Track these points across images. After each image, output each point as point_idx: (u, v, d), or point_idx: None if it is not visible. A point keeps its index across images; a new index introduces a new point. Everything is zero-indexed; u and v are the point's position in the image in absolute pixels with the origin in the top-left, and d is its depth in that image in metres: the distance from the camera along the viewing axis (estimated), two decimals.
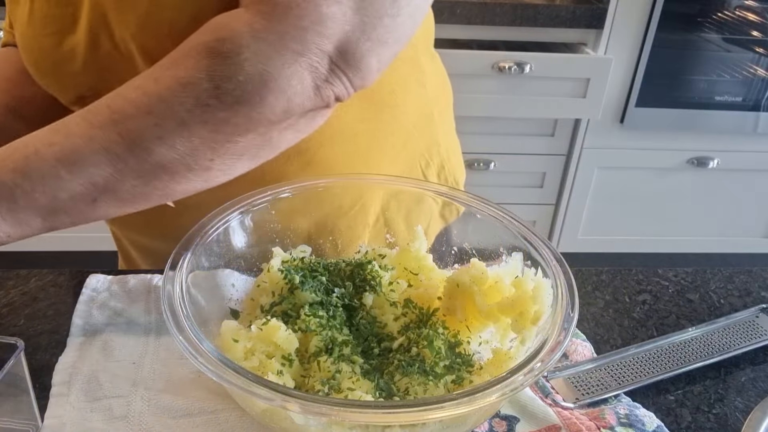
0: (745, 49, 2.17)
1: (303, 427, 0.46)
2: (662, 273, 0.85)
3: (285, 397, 0.42)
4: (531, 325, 0.54)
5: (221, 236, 0.58)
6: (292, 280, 0.56)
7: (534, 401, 0.61)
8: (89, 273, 0.74)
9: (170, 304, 0.48)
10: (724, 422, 0.63)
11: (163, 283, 0.50)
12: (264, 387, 0.43)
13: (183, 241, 0.54)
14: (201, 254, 0.55)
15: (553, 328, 0.49)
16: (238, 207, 0.59)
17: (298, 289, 0.56)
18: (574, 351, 0.69)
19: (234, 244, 0.60)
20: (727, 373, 0.69)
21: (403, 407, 0.43)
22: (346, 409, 0.42)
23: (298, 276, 0.57)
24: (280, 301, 0.56)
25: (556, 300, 0.52)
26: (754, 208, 2.40)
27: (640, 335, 0.74)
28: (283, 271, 0.57)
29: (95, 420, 0.57)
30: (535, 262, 0.56)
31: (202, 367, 0.44)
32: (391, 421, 0.44)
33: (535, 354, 0.47)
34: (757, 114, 2.18)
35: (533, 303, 0.54)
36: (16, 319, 0.69)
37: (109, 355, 0.63)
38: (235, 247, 0.60)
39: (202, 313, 0.52)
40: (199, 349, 0.45)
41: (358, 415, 0.42)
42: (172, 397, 0.59)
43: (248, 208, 0.60)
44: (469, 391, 0.43)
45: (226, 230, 0.58)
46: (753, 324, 0.75)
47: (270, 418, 0.48)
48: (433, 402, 0.43)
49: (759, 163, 2.29)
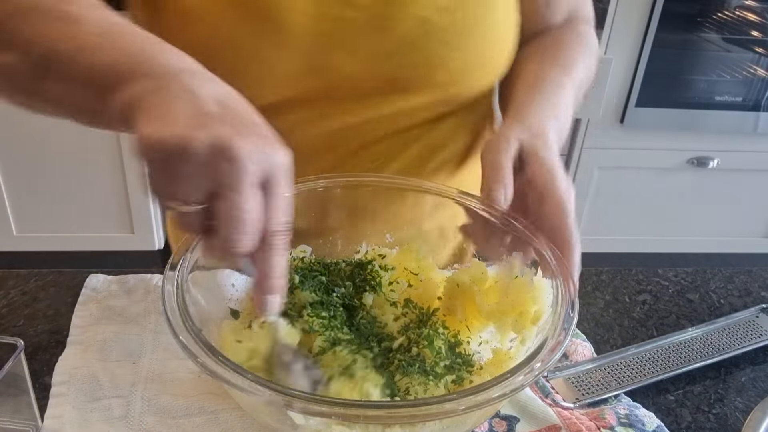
0: (745, 49, 2.17)
1: (303, 427, 0.46)
2: (662, 273, 0.85)
3: (285, 398, 0.42)
4: (531, 325, 0.54)
5: None
6: (292, 279, 0.56)
7: (534, 401, 0.61)
8: (89, 273, 0.74)
9: (170, 304, 0.48)
10: (724, 422, 0.63)
11: (163, 283, 0.50)
12: (264, 387, 0.43)
13: (182, 241, 0.54)
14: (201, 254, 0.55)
15: (553, 328, 0.49)
16: None
17: (298, 288, 0.56)
18: (574, 351, 0.69)
19: None
20: (727, 373, 0.69)
21: (403, 407, 0.43)
22: (346, 409, 0.42)
23: (297, 276, 0.57)
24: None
25: (556, 300, 0.52)
26: (754, 208, 2.40)
27: (640, 335, 0.74)
28: None
29: (95, 420, 0.57)
30: (535, 262, 0.56)
31: (202, 368, 0.44)
32: (391, 421, 0.44)
33: (535, 354, 0.47)
34: (757, 114, 2.18)
35: (533, 303, 0.54)
36: (16, 319, 0.69)
37: (108, 355, 0.63)
38: None
39: (202, 313, 0.52)
40: (198, 349, 0.45)
41: (359, 414, 0.42)
42: (172, 397, 0.59)
43: None
44: (469, 391, 0.43)
45: None
46: (753, 324, 0.75)
47: (270, 417, 0.48)
48: (433, 402, 0.43)
49: (759, 163, 2.29)
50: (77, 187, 2.04)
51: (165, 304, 0.48)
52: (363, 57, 0.66)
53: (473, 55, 0.68)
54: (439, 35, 0.66)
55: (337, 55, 0.65)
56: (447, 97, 0.71)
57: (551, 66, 0.71)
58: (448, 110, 0.74)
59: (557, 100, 0.67)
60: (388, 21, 0.65)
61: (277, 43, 0.64)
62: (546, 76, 0.70)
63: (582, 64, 0.75)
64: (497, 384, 0.44)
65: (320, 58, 0.65)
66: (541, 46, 0.76)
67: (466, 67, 0.68)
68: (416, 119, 0.72)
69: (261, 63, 0.65)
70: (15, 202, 2.06)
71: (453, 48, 0.67)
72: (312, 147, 0.72)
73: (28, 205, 2.07)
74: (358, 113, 0.70)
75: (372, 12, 0.65)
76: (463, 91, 0.71)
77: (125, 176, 2.03)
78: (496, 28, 0.70)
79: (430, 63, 0.67)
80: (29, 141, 1.95)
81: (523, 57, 0.74)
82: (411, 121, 0.72)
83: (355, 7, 0.64)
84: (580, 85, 0.74)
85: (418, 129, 0.73)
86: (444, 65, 0.67)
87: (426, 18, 0.65)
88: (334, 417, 0.42)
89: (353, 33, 0.65)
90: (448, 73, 0.68)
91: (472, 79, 0.70)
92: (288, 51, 0.64)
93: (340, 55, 0.65)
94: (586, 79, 0.76)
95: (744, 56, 2.18)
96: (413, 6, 0.65)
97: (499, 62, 0.72)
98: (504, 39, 0.71)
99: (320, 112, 0.70)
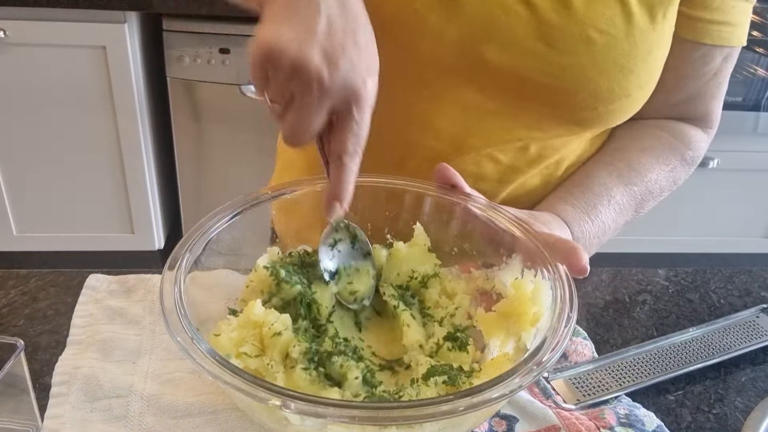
0: (745, 49, 2.17)
1: (299, 427, 0.46)
2: (662, 273, 0.85)
3: (282, 398, 0.42)
4: (530, 326, 0.54)
5: (220, 236, 0.58)
6: (278, 274, 0.57)
7: (533, 404, 0.61)
8: (89, 273, 0.74)
9: (168, 304, 0.48)
10: (724, 422, 0.63)
11: (161, 282, 0.50)
12: (260, 387, 0.42)
13: (182, 240, 0.54)
14: (200, 254, 0.55)
15: (552, 329, 0.49)
16: (237, 207, 0.59)
17: (286, 282, 0.56)
18: (575, 351, 0.69)
19: (233, 244, 0.60)
20: (727, 373, 0.69)
21: (401, 408, 0.43)
22: (342, 409, 0.42)
23: (283, 270, 0.57)
24: (269, 298, 0.57)
25: (555, 301, 0.52)
26: (754, 208, 2.40)
27: (640, 335, 0.74)
28: (268, 267, 0.57)
29: (95, 420, 0.57)
30: (535, 263, 0.56)
31: (199, 367, 0.44)
32: (388, 422, 0.43)
33: (532, 355, 0.46)
34: (757, 114, 2.18)
35: (532, 305, 0.54)
36: (16, 319, 0.69)
37: (108, 355, 0.63)
38: (234, 246, 0.60)
39: (200, 314, 0.52)
40: (196, 349, 0.45)
41: (355, 415, 0.42)
42: (172, 397, 0.59)
43: (247, 208, 0.60)
44: (468, 392, 0.43)
45: (225, 230, 0.58)
46: (753, 324, 0.75)
47: (267, 418, 0.48)
48: (432, 403, 0.43)
49: (759, 163, 2.29)
50: (77, 187, 2.04)
51: (162, 304, 0.48)
52: (514, 54, 0.65)
53: (618, 88, 0.67)
54: (594, 57, 0.65)
55: (491, 45, 0.65)
56: (577, 120, 0.70)
57: (615, 179, 0.75)
58: (566, 135, 0.73)
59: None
60: (554, 29, 0.65)
61: (445, 11, 0.64)
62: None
63: (653, 179, 0.76)
64: (495, 385, 0.44)
65: (475, 41, 0.65)
66: (617, 151, 0.77)
67: (609, 97, 0.67)
68: (528, 129, 0.71)
69: (420, 27, 0.65)
70: (15, 202, 2.06)
71: (603, 74, 0.66)
72: (404, 132, 0.72)
73: (28, 205, 2.06)
74: (480, 108, 0.69)
75: (541, 16, 0.64)
76: (593, 118, 0.70)
77: (125, 176, 2.03)
78: (648, 71, 0.68)
79: (577, 81, 0.66)
80: (29, 141, 1.95)
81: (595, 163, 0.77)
82: (519, 127, 0.71)
83: (530, 5, 0.64)
84: (641, 200, 0.76)
85: (525, 137, 0.72)
86: (588, 88, 0.66)
87: (589, 38, 0.65)
88: (329, 418, 0.42)
89: (516, 29, 0.65)
90: (588, 97, 0.67)
91: (607, 110, 0.69)
92: (449, 24, 0.64)
93: (494, 45, 0.65)
94: (655, 192, 0.78)
95: (744, 56, 2.18)
96: (581, 23, 0.64)
97: (635, 105, 0.71)
98: (648, 84, 0.70)
99: (445, 97, 0.69)
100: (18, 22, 1.75)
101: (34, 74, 1.84)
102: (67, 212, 2.09)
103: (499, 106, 0.69)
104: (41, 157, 1.98)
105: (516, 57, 0.66)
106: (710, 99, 0.78)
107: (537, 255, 0.56)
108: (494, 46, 0.65)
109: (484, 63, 0.66)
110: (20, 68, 1.83)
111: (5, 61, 1.81)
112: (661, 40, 0.68)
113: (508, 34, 0.65)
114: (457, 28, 0.65)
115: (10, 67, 1.82)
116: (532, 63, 0.66)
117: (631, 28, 0.65)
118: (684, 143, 0.78)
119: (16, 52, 1.80)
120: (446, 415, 0.42)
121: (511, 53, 0.66)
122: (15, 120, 1.91)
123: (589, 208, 0.72)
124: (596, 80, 0.66)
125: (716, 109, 0.80)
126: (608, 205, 0.73)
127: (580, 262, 0.54)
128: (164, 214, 2.17)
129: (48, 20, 1.76)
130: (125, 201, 2.08)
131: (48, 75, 1.84)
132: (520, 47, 0.65)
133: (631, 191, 0.74)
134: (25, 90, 1.86)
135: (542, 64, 0.66)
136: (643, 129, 0.78)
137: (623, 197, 0.74)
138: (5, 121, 1.91)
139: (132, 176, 2.03)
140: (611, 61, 0.66)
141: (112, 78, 1.85)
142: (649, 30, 0.66)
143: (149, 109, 1.95)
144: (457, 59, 0.66)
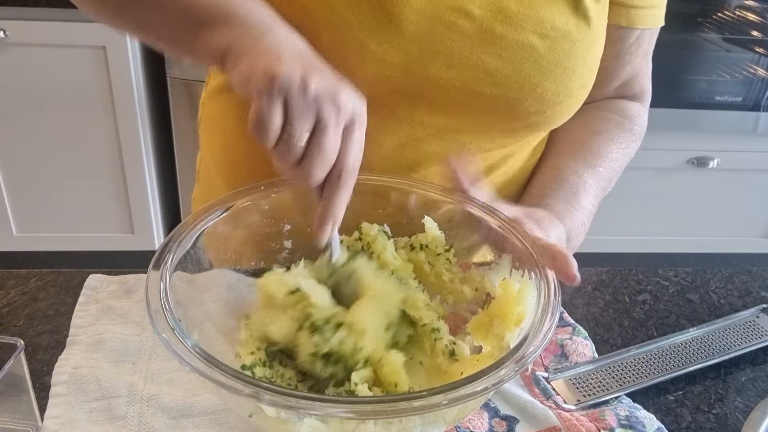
0: (745, 49, 2.17)
1: (277, 420, 0.46)
2: (662, 273, 0.86)
3: (261, 391, 0.41)
4: (514, 326, 0.53)
5: (207, 234, 0.57)
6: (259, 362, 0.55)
7: (534, 404, 0.61)
8: (89, 273, 0.74)
9: (153, 301, 0.47)
10: (724, 422, 0.63)
11: (147, 280, 0.49)
12: (244, 382, 0.42)
13: (167, 239, 0.54)
14: (186, 252, 0.54)
15: (535, 328, 0.48)
16: (223, 205, 0.59)
17: None
18: (575, 351, 0.69)
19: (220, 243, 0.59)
20: (727, 373, 0.69)
21: (381, 402, 0.42)
22: (324, 404, 0.41)
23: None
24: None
25: (539, 301, 0.51)
26: (754, 208, 2.40)
27: (640, 335, 0.74)
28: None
29: (95, 420, 0.57)
30: (523, 264, 0.56)
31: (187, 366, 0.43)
32: (365, 416, 0.43)
33: (516, 349, 0.46)
34: (757, 114, 2.18)
35: (517, 305, 0.53)
36: (16, 319, 0.69)
37: (108, 355, 0.63)
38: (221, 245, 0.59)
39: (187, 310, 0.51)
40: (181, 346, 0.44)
41: (335, 409, 0.41)
42: (172, 397, 0.59)
43: (233, 206, 0.59)
44: (451, 386, 0.42)
45: (210, 229, 0.57)
46: (753, 324, 0.75)
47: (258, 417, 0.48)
48: (414, 398, 0.42)
49: (759, 163, 2.29)
50: (77, 187, 2.04)
51: (148, 301, 0.47)
52: (461, 69, 0.65)
53: (563, 89, 0.68)
54: (539, 62, 0.66)
55: (437, 62, 0.65)
56: (526, 125, 0.71)
57: (582, 165, 0.77)
58: (516, 140, 0.74)
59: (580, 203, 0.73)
60: (497, 39, 0.65)
61: (384, 35, 0.64)
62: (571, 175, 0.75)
63: (614, 157, 0.80)
64: (479, 379, 0.43)
65: (420, 61, 0.65)
66: (576, 141, 0.80)
67: (555, 100, 0.68)
68: (480, 141, 0.72)
69: (361, 52, 0.64)
70: (15, 202, 2.06)
71: (548, 78, 0.67)
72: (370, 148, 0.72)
73: (28, 205, 2.06)
74: (430, 125, 0.70)
75: (483, 27, 0.64)
76: (541, 122, 0.71)
77: (125, 176, 2.03)
78: (588, 67, 0.70)
79: (523, 88, 0.67)
80: (29, 141, 1.95)
81: (554, 149, 0.79)
82: (474, 140, 0.72)
83: (470, 17, 0.64)
84: (608, 179, 0.79)
85: (477, 150, 0.73)
86: (535, 93, 0.67)
87: (531, 44, 0.65)
88: (303, 410, 0.41)
89: (459, 43, 0.64)
90: (536, 103, 0.68)
91: (554, 112, 0.70)
92: (391, 47, 0.64)
93: (440, 62, 0.65)
94: (617, 170, 0.82)
95: (744, 56, 2.18)
96: (522, 30, 0.65)
97: (579, 103, 0.73)
98: (589, 81, 0.72)
99: (394, 115, 0.69)
100: (18, 22, 1.75)
101: (34, 74, 1.84)
102: (67, 212, 2.09)
103: (448, 122, 0.70)
104: (41, 157, 1.98)
105: (463, 71, 0.65)
106: (644, 76, 0.84)
107: (525, 255, 0.56)
108: (439, 63, 0.65)
109: (431, 80, 0.66)
110: (20, 68, 1.83)
111: (5, 61, 1.81)
112: (596, 35, 0.69)
113: (453, 49, 0.65)
114: (398, 50, 0.64)
115: (10, 67, 1.82)
116: (480, 75, 0.66)
117: (569, 29, 0.66)
118: (630, 120, 0.82)
119: (16, 52, 1.80)
120: (428, 410, 0.42)
121: (458, 68, 0.65)
122: (15, 120, 1.91)
123: (570, 197, 0.73)
124: (543, 85, 0.67)
125: (649, 82, 0.86)
126: (585, 191, 0.74)
127: (568, 268, 0.54)
128: (164, 215, 2.17)
129: (48, 20, 1.76)
130: (125, 201, 2.08)
131: (48, 75, 1.84)
132: (466, 61, 0.65)
133: (598, 173, 0.77)
134: (25, 90, 1.87)
135: (489, 76, 0.66)
136: (592, 114, 0.82)
137: (594, 180, 0.76)
138: (5, 121, 1.91)
139: (132, 176, 2.03)
140: (554, 64, 0.67)
141: (112, 78, 1.85)
142: (585, 28, 0.67)
143: (149, 109, 1.95)
144: (403, 79, 0.66)
